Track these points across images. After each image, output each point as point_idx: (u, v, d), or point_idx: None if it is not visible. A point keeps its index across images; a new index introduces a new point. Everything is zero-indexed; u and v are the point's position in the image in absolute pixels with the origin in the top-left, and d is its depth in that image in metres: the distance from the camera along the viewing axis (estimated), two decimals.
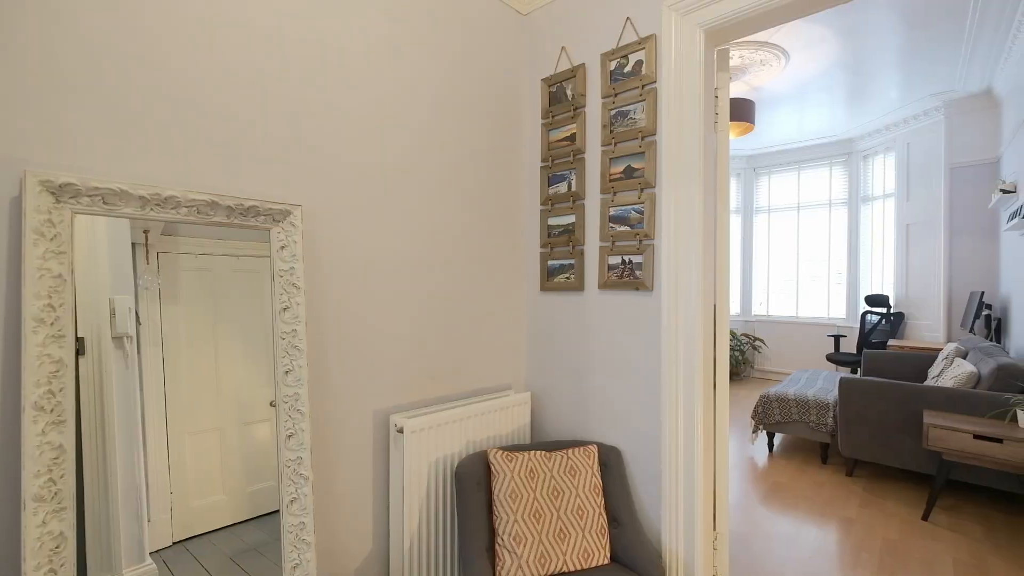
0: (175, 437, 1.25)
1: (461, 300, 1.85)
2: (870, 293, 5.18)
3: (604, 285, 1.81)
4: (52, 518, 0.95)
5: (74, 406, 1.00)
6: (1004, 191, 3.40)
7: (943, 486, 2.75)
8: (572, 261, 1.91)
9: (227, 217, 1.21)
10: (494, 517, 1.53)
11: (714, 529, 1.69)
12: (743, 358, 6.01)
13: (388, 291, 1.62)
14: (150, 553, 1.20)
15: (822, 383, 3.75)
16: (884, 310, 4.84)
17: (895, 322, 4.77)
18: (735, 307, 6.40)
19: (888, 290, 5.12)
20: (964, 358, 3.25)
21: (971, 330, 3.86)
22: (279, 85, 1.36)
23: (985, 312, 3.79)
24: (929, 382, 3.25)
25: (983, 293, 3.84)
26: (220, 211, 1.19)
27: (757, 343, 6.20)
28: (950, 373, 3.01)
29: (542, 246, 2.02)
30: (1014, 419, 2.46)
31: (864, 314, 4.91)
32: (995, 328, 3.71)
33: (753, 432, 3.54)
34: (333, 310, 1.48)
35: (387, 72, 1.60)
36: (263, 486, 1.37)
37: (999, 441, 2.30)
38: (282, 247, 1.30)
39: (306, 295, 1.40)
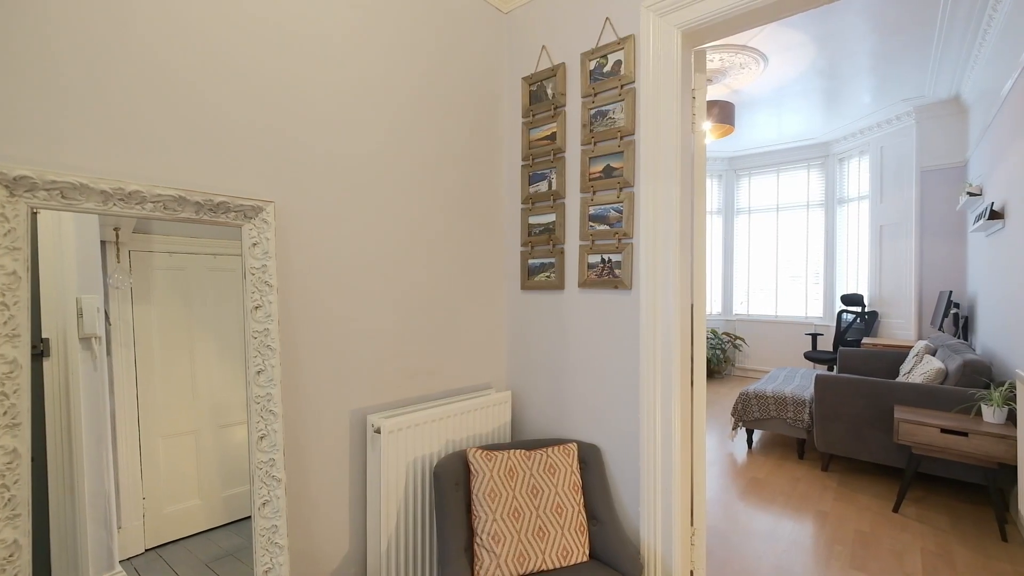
0: (148, 441, 1.21)
1: (441, 299, 1.84)
2: (846, 292, 5.31)
3: (584, 284, 1.81)
4: (5, 526, 0.92)
5: (29, 409, 0.97)
6: (971, 194, 3.53)
7: (912, 479, 2.83)
8: (552, 260, 1.91)
9: (196, 213, 1.18)
10: (473, 517, 1.53)
11: (691, 524, 1.71)
12: (724, 356, 6.11)
13: (365, 289, 1.60)
14: (120, 561, 1.17)
15: (799, 380, 3.84)
16: (859, 309, 4.97)
17: (869, 320, 4.90)
18: (716, 306, 6.51)
19: (863, 289, 5.27)
20: (933, 355, 3.35)
21: (940, 328, 3.99)
22: (252, 74, 1.33)
23: (953, 311, 3.92)
24: (901, 378, 3.35)
25: (951, 292, 3.97)
26: (188, 207, 1.16)
27: (738, 341, 6.31)
28: (920, 370, 3.11)
29: (523, 245, 2.02)
30: (979, 413, 2.54)
31: (840, 313, 5.04)
32: (962, 326, 3.83)
33: (733, 429, 3.60)
34: (308, 309, 1.46)
35: (365, 64, 1.58)
36: (240, 490, 1.35)
37: (964, 435, 2.38)
38: (254, 244, 1.28)
39: (279, 293, 1.37)
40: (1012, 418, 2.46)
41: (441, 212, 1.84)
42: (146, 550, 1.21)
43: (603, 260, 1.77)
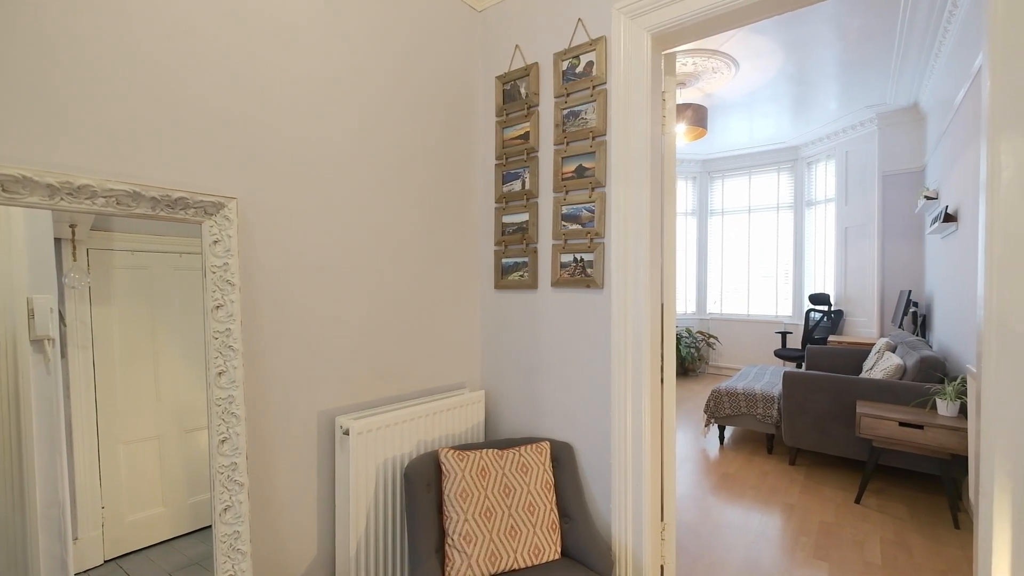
0: (107, 447, 1.17)
1: (413, 297, 1.82)
2: (813, 292, 5.49)
3: (557, 283, 1.82)
4: None
5: None
6: (928, 197, 3.69)
7: (874, 471, 2.95)
8: (526, 259, 1.91)
9: (152, 209, 1.14)
10: (444, 517, 1.52)
11: (661, 520, 1.74)
12: (698, 355, 6.24)
13: (335, 288, 1.57)
14: (77, 573, 1.12)
15: (769, 377, 3.95)
16: (826, 308, 5.15)
17: (835, 319, 5.08)
18: (691, 306, 6.64)
19: (829, 289, 5.45)
20: (893, 352, 3.50)
21: (900, 326, 4.17)
22: (216, 63, 1.29)
23: (912, 309, 4.10)
24: (864, 375, 3.48)
25: (910, 291, 4.15)
26: (143, 203, 1.12)
27: (711, 340, 6.45)
28: (881, 366, 3.23)
29: (496, 244, 2.01)
30: (934, 407, 2.66)
31: (808, 312, 5.20)
32: (920, 324, 4.01)
33: (705, 426, 3.68)
34: (274, 308, 1.42)
35: (333, 56, 1.56)
36: (207, 496, 1.30)
37: (920, 428, 2.49)
38: (215, 241, 1.24)
39: (242, 292, 1.33)
40: (964, 411, 2.59)
41: (413, 209, 1.82)
42: (105, 561, 1.17)
43: (575, 259, 1.78)
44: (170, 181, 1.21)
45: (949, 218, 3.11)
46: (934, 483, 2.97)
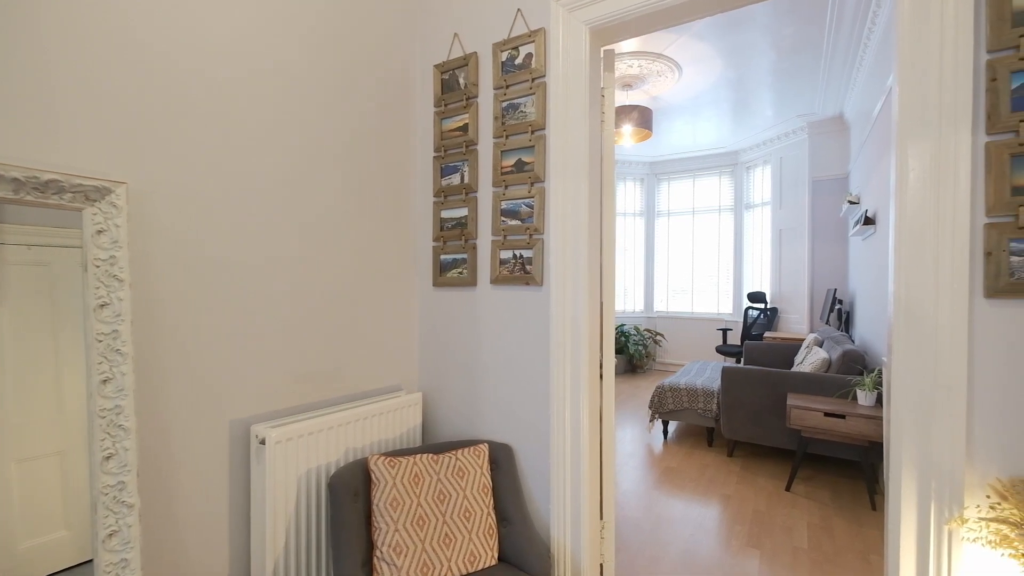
0: None
1: (343, 296, 1.71)
2: (751, 290, 5.78)
3: (496, 280, 1.77)
4: None
5: None
6: (851, 202, 3.96)
7: (803, 459, 3.11)
8: (465, 256, 1.85)
9: (14, 192, 0.97)
10: (373, 529, 1.43)
11: (601, 518, 1.73)
12: (646, 352, 6.41)
13: (250, 284, 1.44)
14: None
15: (710, 373, 4.09)
16: (762, 305, 5.43)
17: (771, 316, 5.37)
18: (639, 304, 6.81)
19: (766, 287, 5.76)
20: (820, 346, 3.72)
21: (827, 322, 4.45)
22: (103, 32, 1.13)
23: (838, 306, 4.39)
24: (795, 368, 3.68)
25: (836, 290, 4.45)
26: (3, 184, 0.95)
27: (658, 338, 6.65)
28: (809, 360, 3.43)
29: (435, 240, 1.94)
30: (855, 398, 2.84)
31: (747, 309, 5.47)
32: (845, 320, 4.30)
33: (650, 421, 3.76)
34: (176, 306, 1.27)
35: (252, 34, 1.42)
36: None
37: (843, 417, 2.65)
38: (99, 231, 1.09)
39: (134, 289, 1.18)
40: (881, 400, 2.78)
41: (342, 201, 1.71)
42: None
43: (515, 256, 1.73)
44: (41, 161, 1.05)
45: (869, 221, 3.34)
46: (856, 469, 3.18)
